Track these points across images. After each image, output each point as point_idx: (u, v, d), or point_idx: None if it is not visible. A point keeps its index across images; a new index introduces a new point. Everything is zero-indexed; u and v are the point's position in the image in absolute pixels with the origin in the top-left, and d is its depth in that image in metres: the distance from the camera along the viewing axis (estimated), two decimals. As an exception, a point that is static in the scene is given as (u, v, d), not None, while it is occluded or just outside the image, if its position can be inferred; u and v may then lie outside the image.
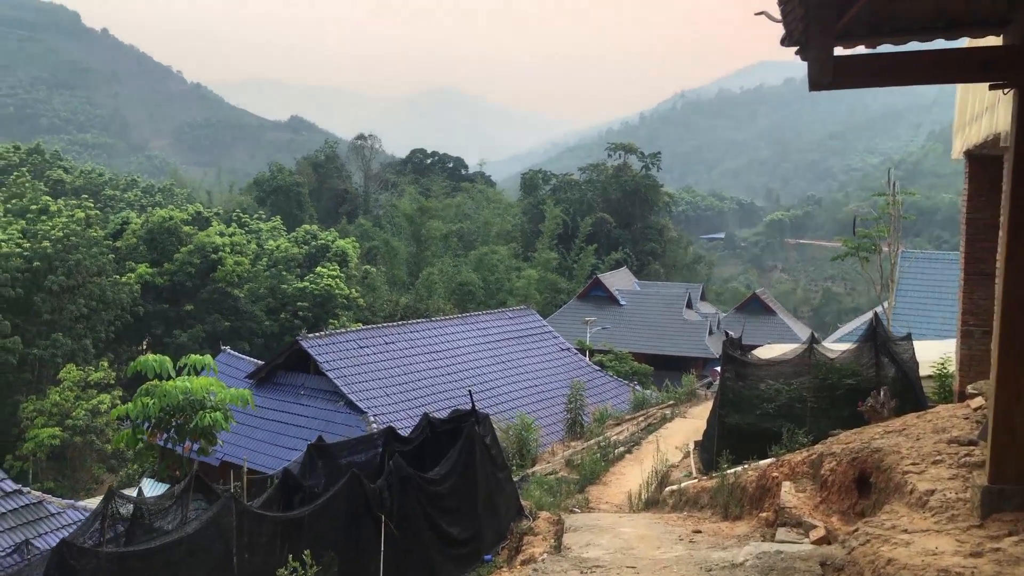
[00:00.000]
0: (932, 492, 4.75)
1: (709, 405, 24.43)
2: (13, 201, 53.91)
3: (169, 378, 10.04)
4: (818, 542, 5.41)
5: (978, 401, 7.27)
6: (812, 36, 4.86)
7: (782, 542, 5.59)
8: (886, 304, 32.51)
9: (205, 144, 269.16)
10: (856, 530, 4.82)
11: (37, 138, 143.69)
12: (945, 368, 13.80)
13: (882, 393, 10.50)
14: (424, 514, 8.67)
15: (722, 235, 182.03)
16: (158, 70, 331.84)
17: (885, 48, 5.83)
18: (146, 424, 9.92)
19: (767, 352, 23.04)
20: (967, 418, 6.32)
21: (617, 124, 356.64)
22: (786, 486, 6.44)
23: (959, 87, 9.79)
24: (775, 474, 7.32)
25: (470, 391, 11.36)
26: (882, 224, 29.76)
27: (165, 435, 10.09)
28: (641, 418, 23.39)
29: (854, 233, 30.42)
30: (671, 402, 25.10)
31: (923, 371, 14.37)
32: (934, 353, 15.23)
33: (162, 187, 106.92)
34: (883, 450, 5.36)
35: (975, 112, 8.50)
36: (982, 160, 9.34)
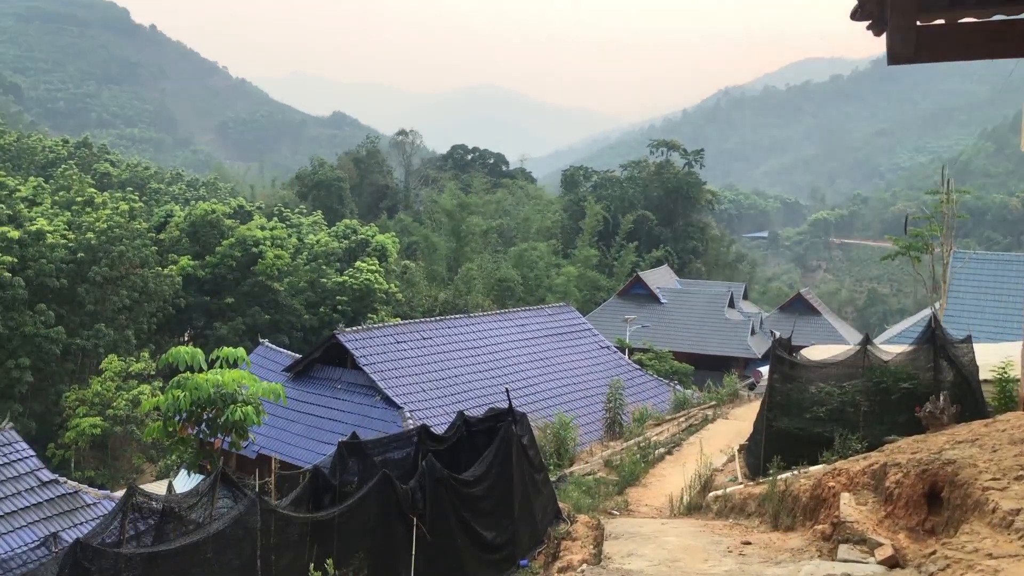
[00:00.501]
0: (1018, 512, 4.27)
1: (752, 407, 23.82)
2: (61, 193, 54.84)
3: (201, 371, 9.85)
4: (885, 562, 4.95)
5: (1053, 410, 6.74)
6: (894, 5, 4.39)
7: (845, 561, 5.13)
8: (938, 305, 31.55)
9: (249, 139, 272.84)
10: (933, 553, 4.35)
11: (86, 132, 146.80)
12: (1006, 372, 13.14)
13: (941, 398, 9.93)
14: (458, 517, 8.34)
15: (765, 234, 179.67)
16: (204, 65, 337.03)
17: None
18: (177, 417, 9.75)
19: (815, 353, 22.35)
20: (1044, 428, 5.81)
21: (659, 120, 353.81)
22: (845, 498, 5.97)
23: (1032, 74, 9.17)
24: (831, 484, 6.85)
25: (507, 389, 11.00)
26: (935, 223, 28.86)
27: (196, 428, 9.92)
28: (682, 419, 22.87)
29: (905, 232, 29.54)
30: (713, 403, 24.52)
31: (981, 375, 13.71)
32: (991, 356, 14.54)
33: (206, 181, 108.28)
34: (956, 462, 4.89)
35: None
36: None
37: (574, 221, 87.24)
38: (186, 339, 54.02)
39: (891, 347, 17.34)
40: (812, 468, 10.13)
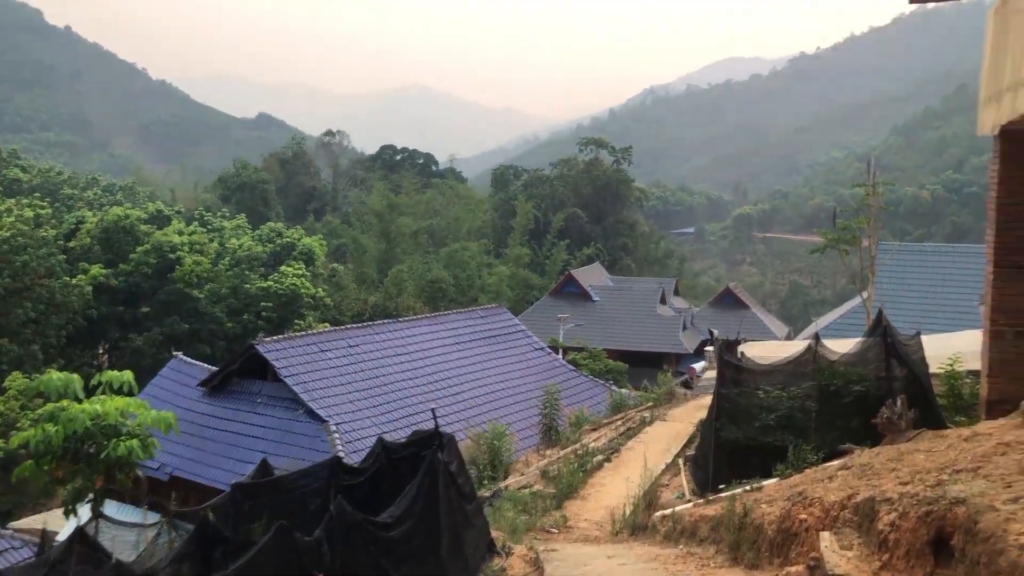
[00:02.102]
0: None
1: (689, 407, 23.25)
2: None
3: (78, 400, 8.58)
4: (892, 629, 4.16)
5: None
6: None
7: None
8: (864, 295, 31.55)
9: (171, 142, 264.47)
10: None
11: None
12: (953, 367, 12.65)
13: (899, 403, 9.29)
14: (375, 567, 7.22)
15: (692, 230, 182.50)
16: (122, 67, 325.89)
17: None
18: (51, 455, 8.46)
19: (750, 350, 21.85)
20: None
21: (587, 119, 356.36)
22: (826, 538, 5.14)
23: (990, 46, 8.55)
24: (803, 516, 6.03)
25: (433, 411, 9.96)
26: (862, 216, 28.77)
27: (75, 466, 8.64)
28: (619, 422, 22.12)
29: (834, 225, 29.47)
30: (650, 404, 23.84)
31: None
32: (930, 349, 14.07)
33: (123, 186, 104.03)
34: (968, 503, 4.07)
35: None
36: (1021, 136, 8.14)
37: (505, 220, 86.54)
38: (100, 352, 51.39)
39: (831, 342, 16.83)
40: (766, 483, 9.39)
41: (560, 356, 38.59)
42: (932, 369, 12.95)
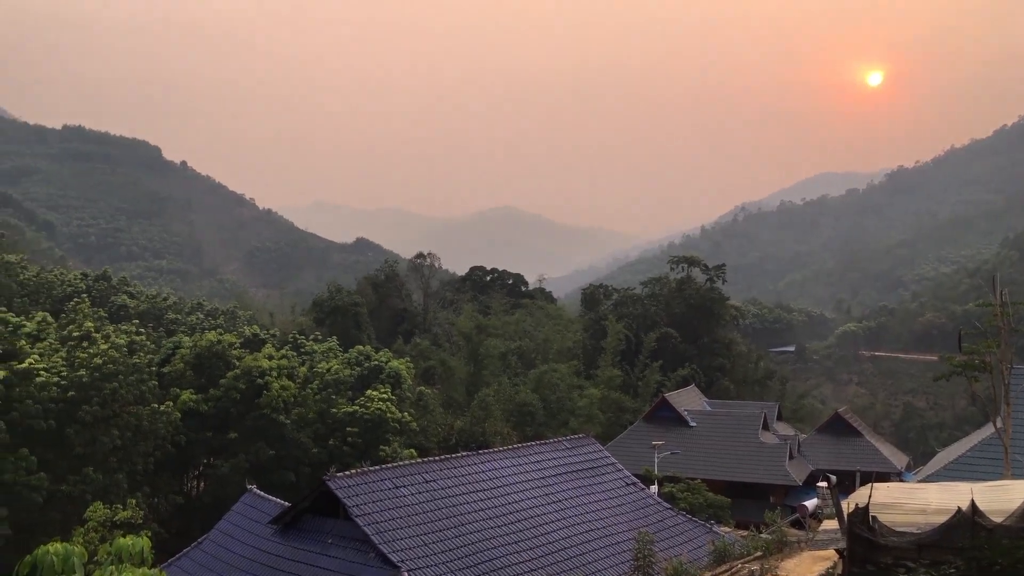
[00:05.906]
0: None
1: (804, 557, 20.55)
2: (70, 328, 53.21)
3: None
4: None
5: None
6: None
7: None
8: (999, 425, 28.39)
9: (274, 267, 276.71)
10: None
11: (116, 265, 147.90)
12: None
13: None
14: None
15: (792, 348, 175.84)
16: (232, 198, 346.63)
17: None
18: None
19: (876, 495, 19.19)
20: None
21: (678, 237, 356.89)
22: None
23: None
24: None
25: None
26: (991, 339, 26.05)
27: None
28: None
29: (959, 349, 26.80)
30: (758, 553, 21.20)
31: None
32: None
33: (225, 310, 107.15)
34: None
35: None
36: None
37: (596, 341, 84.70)
38: (193, 477, 51.03)
39: (964, 485, 14.31)
40: None
41: (655, 489, 35.96)
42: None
